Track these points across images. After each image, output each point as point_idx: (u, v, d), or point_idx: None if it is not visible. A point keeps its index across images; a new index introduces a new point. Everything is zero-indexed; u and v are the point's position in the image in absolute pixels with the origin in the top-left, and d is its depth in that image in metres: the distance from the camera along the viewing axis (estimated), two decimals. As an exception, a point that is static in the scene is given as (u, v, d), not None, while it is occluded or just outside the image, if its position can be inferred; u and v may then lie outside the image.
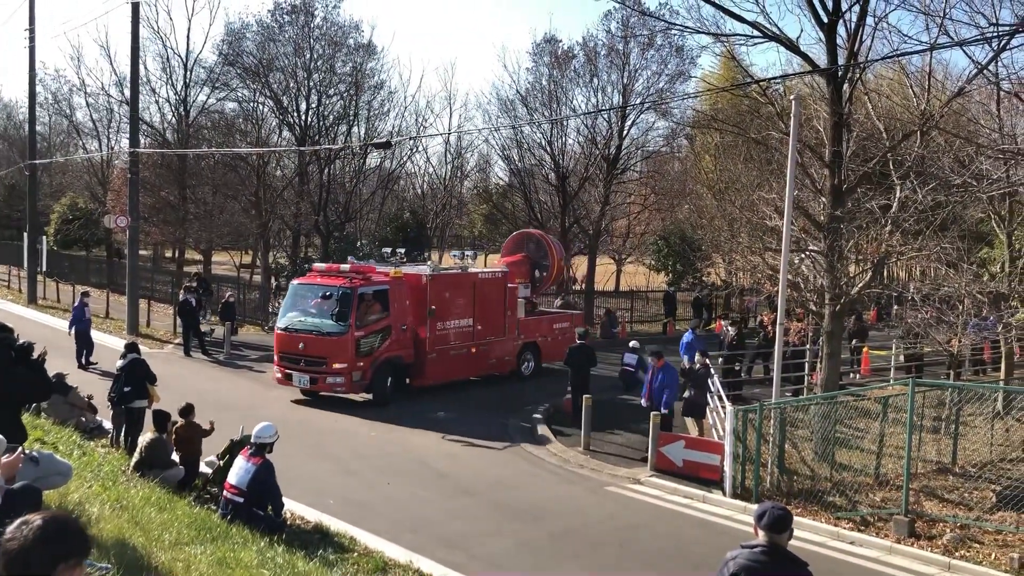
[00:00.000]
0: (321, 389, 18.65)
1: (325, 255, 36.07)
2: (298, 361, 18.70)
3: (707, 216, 28.86)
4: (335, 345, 18.41)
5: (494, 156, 50.59)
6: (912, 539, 11.34)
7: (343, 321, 18.45)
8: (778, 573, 5.48)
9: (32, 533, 2.85)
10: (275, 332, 19.74)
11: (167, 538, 7.27)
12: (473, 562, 10.11)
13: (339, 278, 19.18)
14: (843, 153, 15.61)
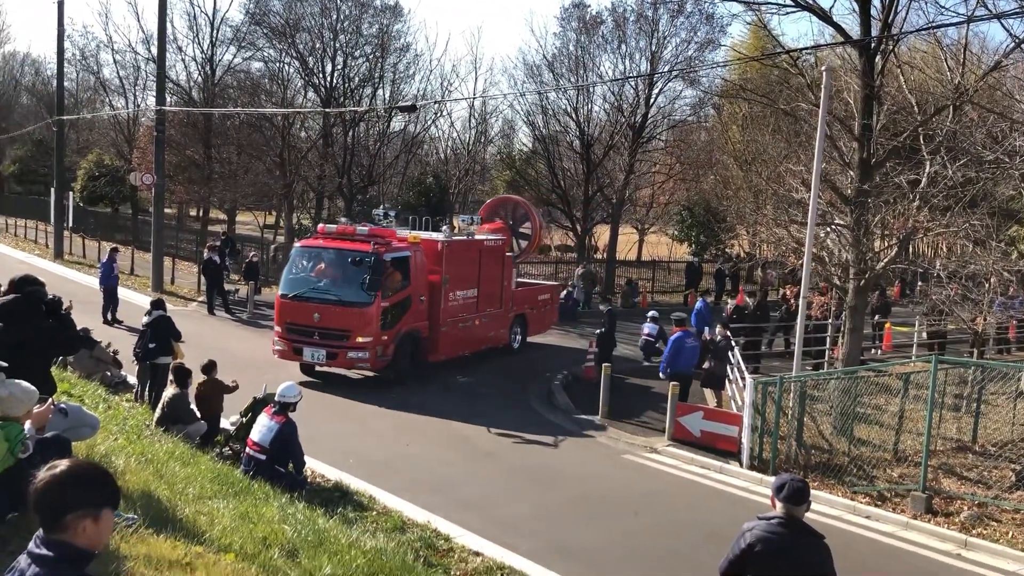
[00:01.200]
0: (341, 365, 17.13)
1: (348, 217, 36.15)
2: (311, 333, 16.77)
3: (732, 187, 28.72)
4: (359, 317, 16.59)
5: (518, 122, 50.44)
6: (929, 515, 11.34)
7: (371, 290, 16.61)
8: (795, 545, 5.51)
9: (60, 477, 2.90)
10: (277, 300, 17.55)
11: (191, 492, 7.40)
12: (490, 524, 10.23)
13: (360, 242, 17.30)
14: (873, 126, 15.41)
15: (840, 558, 5.83)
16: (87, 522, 2.94)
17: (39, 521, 2.93)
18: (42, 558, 2.88)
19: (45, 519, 2.91)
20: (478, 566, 8.81)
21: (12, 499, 4.98)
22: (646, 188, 42.38)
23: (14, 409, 5.09)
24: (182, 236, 39.12)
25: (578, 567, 9.15)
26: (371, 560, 7.10)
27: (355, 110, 35.62)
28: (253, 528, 6.86)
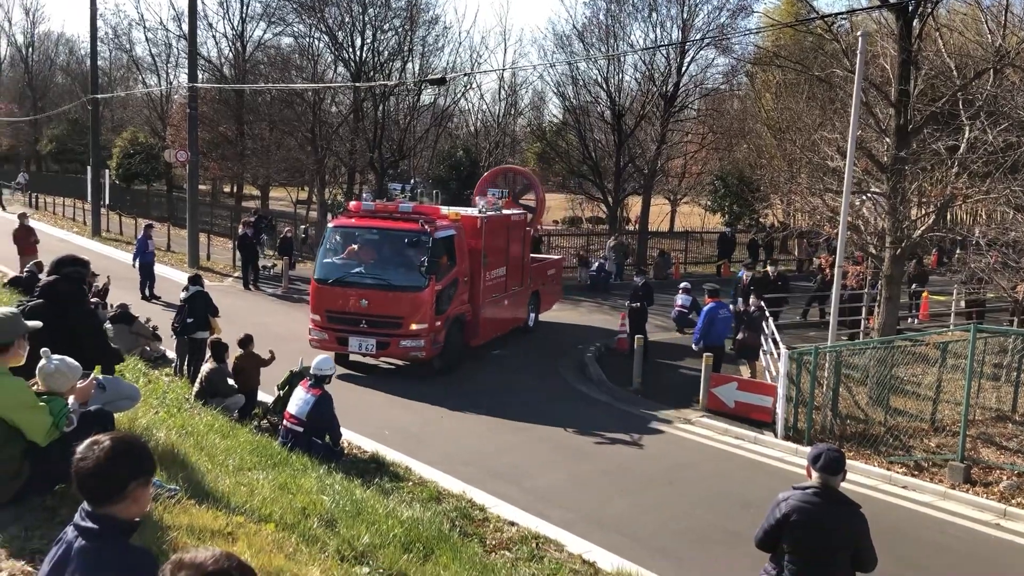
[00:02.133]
0: (392, 355, 15.81)
1: (380, 192, 36.28)
2: (357, 321, 15.40)
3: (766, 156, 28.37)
4: (413, 302, 15.28)
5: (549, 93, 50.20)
6: (967, 485, 11.25)
7: (430, 273, 15.31)
8: (831, 514, 5.51)
9: (103, 452, 2.98)
10: (314, 286, 16.01)
11: (231, 463, 7.52)
12: (525, 494, 10.31)
13: (405, 221, 15.94)
14: (910, 92, 15.14)
15: (876, 528, 5.82)
16: (144, 490, 3.06)
17: (88, 495, 3.01)
18: (88, 531, 2.97)
19: (99, 492, 3.00)
20: (513, 535, 8.90)
21: (59, 471, 5.10)
22: (678, 158, 41.99)
23: (59, 384, 5.20)
24: (217, 212, 39.50)
25: (611, 537, 9.21)
26: (408, 529, 7.20)
27: (385, 84, 35.57)
28: (292, 499, 6.97)
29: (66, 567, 2.96)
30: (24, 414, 4.89)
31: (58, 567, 2.99)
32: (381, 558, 6.27)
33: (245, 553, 5.00)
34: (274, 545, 5.45)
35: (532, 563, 8.18)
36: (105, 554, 2.93)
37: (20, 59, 71.48)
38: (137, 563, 2.86)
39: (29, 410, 4.91)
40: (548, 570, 8.01)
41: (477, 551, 7.89)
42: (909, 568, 8.88)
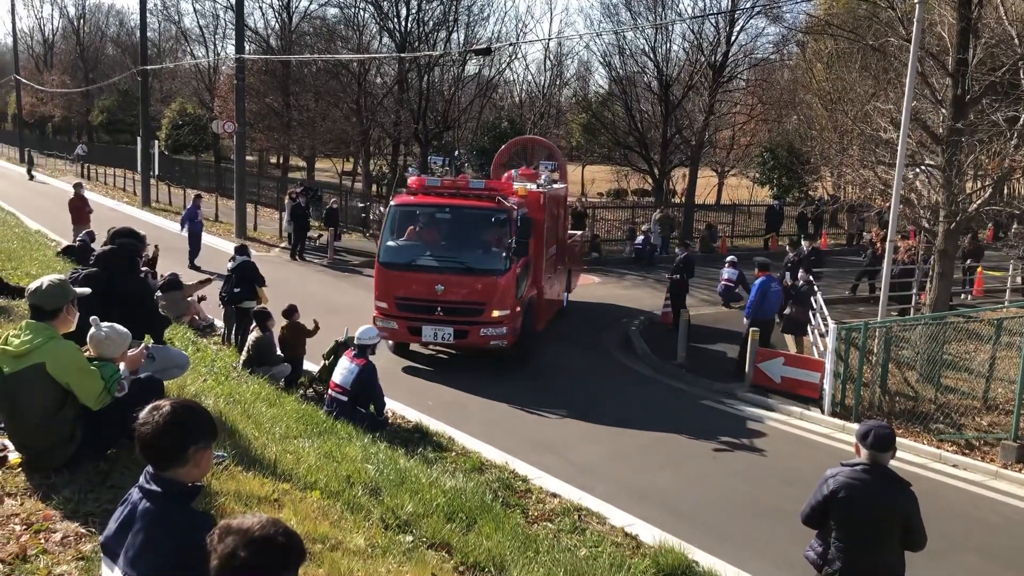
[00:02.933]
0: (472, 345, 14.35)
1: (424, 164, 36.32)
2: (431, 309, 14.09)
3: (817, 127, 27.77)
4: (495, 287, 14.12)
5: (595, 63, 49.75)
6: (1020, 465, 11.01)
7: (519, 255, 14.38)
8: (879, 492, 5.43)
9: (164, 417, 3.03)
10: (380, 271, 14.68)
11: (277, 431, 7.62)
12: (567, 466, 10.32)
13: (478, 198, 14.82)
14: (969, 61, 14.69)
15: (926, 506, 5.72)
16: (205, 454, 3.14)
17: (151, 459, 3.07)
18: (152, 493, 3.04)
19: (162, 456, 3.06)
20: (555, 507, 8.93)
21: (111, 435, 5.20)
22: (726, 130, 41.34)
23: (110, 351, 5.30)
24: (263, 183, 39.89)
25: (653, 510, 9.18)
26: (451, 499, 7.24)
27: (430, 54, 35.47)
28: (337, 467, 7.05)
29: (131, 527, 3.03)
30: (76, 377, 4.99)
31: (123, 527, 3.06)
32: (424, 527, 6.32)
33: (291, 520, 5.07)
34: (319, 512, 5.52)
35: (574, 535, 8.21)
36: (168, 516, 3.01)
37: (72, 31, 72.67)
38: (199, 526, 2.90)
39: (81, 373, 5.01)
40: (590, 542, 8.02)
41: (520, 522, 7.93)
42: (958, 548, 8.73)
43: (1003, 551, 8.87)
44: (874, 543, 5.49)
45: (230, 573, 2.42)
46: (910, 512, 5.50)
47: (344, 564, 4.72)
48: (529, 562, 6.38)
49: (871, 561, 5.50)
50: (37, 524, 4.48)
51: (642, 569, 7.26)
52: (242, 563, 2.41)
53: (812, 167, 29.50)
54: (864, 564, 5.49)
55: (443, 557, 5.92)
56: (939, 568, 8.00)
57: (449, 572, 5.58)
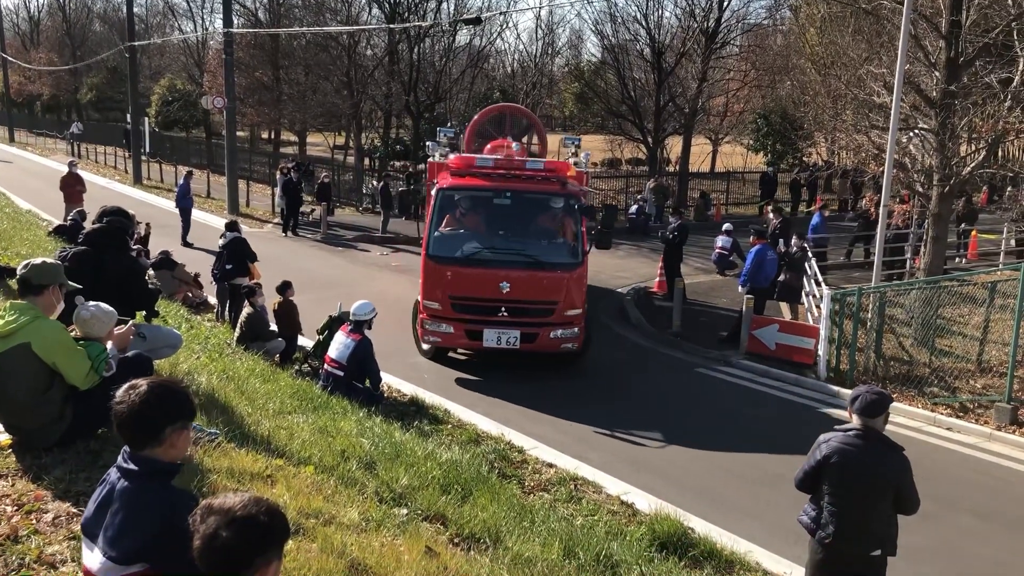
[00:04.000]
0: (541, 348, 12.70)
1: (416, 136, 36.12)
2: (494, 310, 12.42)
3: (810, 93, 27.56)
4: (568, 283, 12.63)
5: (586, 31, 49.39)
6: (1014, 427, 11.06)
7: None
8: (872, 456, 5.44)
9: (139, 397, 3.00)
10: (430, 266, 12.81)
11: (271, 407, 7.62)
12: (563, 436, 10.35)
13: (539, 181, 13.13)
14: (962, 23, 14.56)
15: (921, 469, 5.74)
16: (182, 434, 3.09)
17: (127, 438, 3.05)
18: (130, 473, 3.01)
19: (137, 436, 3.03)
20: (551, 477, 8.96)
21: (101, 415, 5.18)
22: (720, 97, 41.08)
23: (96, 329, 5.26)
24: (255, 159, 39.65)
25: (650, 478, 9.22)
26: (447, 471, 7.25)
27: (419, 25, 35.15)
28: (332, 441, 7.05)
29: (109, 507, 3.00)
30: (62, 356, 4.96)
31: (102, 507, 3.04)
32: (419, 500, 6.33)
33: (284, 495, 5.07)
34: (313, 487, 5.52)
35: (570, 504, 8.24)
36: (147, 495, 2.98)
37: (58, 7, 71.89)
38: (179, 504, 2.89)
39: (67, 352, 4.98)
40: (586, 511, 8.06)
41: (516, 492, 7.95)
42: (952, 510, 8.78)
43: (996, 512, 8.92)
44: (867, 507, 5.52)
45: (213, 553, 2.40)
46: (903, 476, 5.52)
47: (337, 538, 4.72)
48: (525, 532, 6.39)
49: (864, 524, 5.53)
50: (28, 505, 4.47)
51: (638, 536, 7.29)
52: (224, 543, 2.39)
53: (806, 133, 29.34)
54: (857, 527, 5.53)
55: (438, 529, 5.94)
56: (933, 530, 8.06)
57: (444, 543, 5.59)
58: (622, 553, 6.56)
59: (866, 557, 5.58)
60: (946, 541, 8.11)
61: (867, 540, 5.55)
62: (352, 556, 4.57)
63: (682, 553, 7.18)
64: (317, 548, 4.53)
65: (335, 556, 4.48)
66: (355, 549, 4.68)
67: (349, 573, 4.41)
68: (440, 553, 5.20)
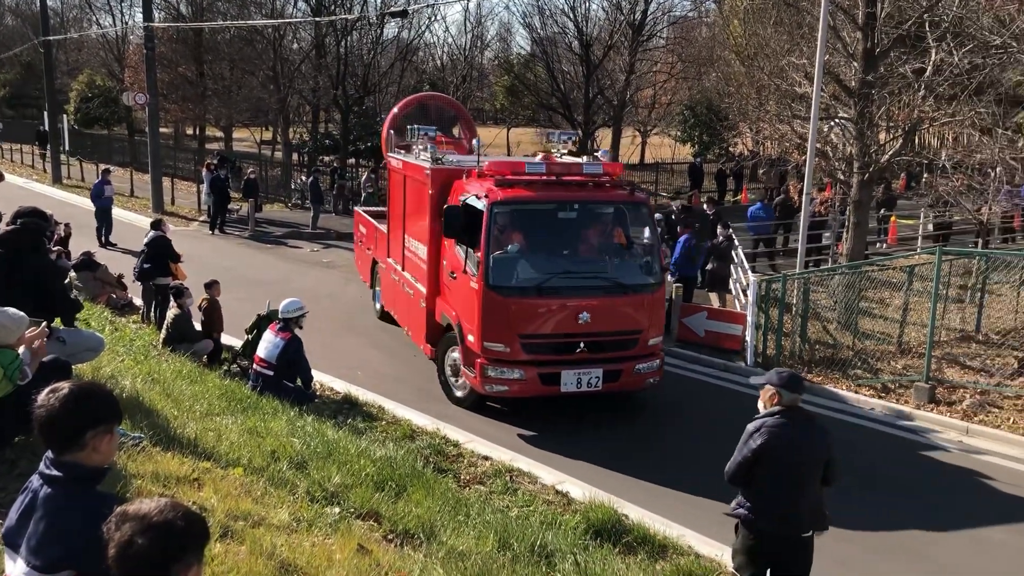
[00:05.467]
0: (626, 387, 10.98)
1: (345, 130, 35.76)
2: (571, 347, 10.38)
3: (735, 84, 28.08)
4: (650, 307, 10.89)
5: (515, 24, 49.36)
6: (932, 405, 11.46)
7: (653, 261, 11.15)
8: (802, 433, 5.58)
9: (60, 400, 2.91)
10: (488, 298, 10.25)
11: (198, 409, 7.49)
12: (499, 430, 10.38)
13: (604, 188, 11.21)
14: (877, 14, 14.98)
15: (846, 450, 5.91)
16: (105, 438, 3.00)
17: (49, 443, 2.96)
18: (52, 478, 2.93)
19: (59, 440, 2.94)
20: (487, 469, 8.99)
21: (16, 423, 5.03)
22: (647, 89, 41.60)
23: (4, 336, 5.09)
24: (180, 155, 38.72)
25: (584, 468, 9.30)
26: (381, 468, 7.22)
27: (346, 18, 34.76)
28: (262, 442, 6.96)
29: (32, 515, 2.92)
30: (-29, 366, 4.80)
31: (25, 515, 2.95)
32: (353, 498, 6.30)
33: (211, 498, 4.99)
34: (242, 489, 5.45)
35: (506, 495, 8.28)
36: (70, 501, 2.90)
37: (-34, 1, 69.00)
38: (104, 509, 2.81)
39: (-25, 361, 4.82)
40: (522, 501, 8.11)
41: (451, 486, 7.96)
42: (874, 486, 9.06)
43: (917, 488, 9.23)
44: (804, 486, 5.63)
45: (128, 561, 2.33)
46: (830, 447, 5.68)
47: (267, 540, 4.67)
48: (460, 525, 6.41)
49: (804, 503, 5.64)
50: (-59, 518, 4.31)
51: (573, 525, 7.36)
52: (139, 550, 2.32)
53: (731, 123, 29.87)
54: (798, 508, 5.61)
55: (371, 526, 5.91)
56: (857, 507, 8.31)
57: (378, 540, 5.57)
58: (557, 542, 6.62)
59: (801, 538, 5.69)
60: (869, 517, 8.37)
61: (804, 520, 5.67)
62: (282, 557, 4.52)
63: (616, 540, 7.28)
64: (246, 550, 4.47)
65: (264, 558, 4.43)
66: (285, 550, 4.63)
67: (279, 574, 4.37)
68: (373, 550, 5.18)
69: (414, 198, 12.73)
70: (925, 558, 7.70)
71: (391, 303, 14.57)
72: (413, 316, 12.87)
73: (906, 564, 7.56)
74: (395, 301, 14.18)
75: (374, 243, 15.71)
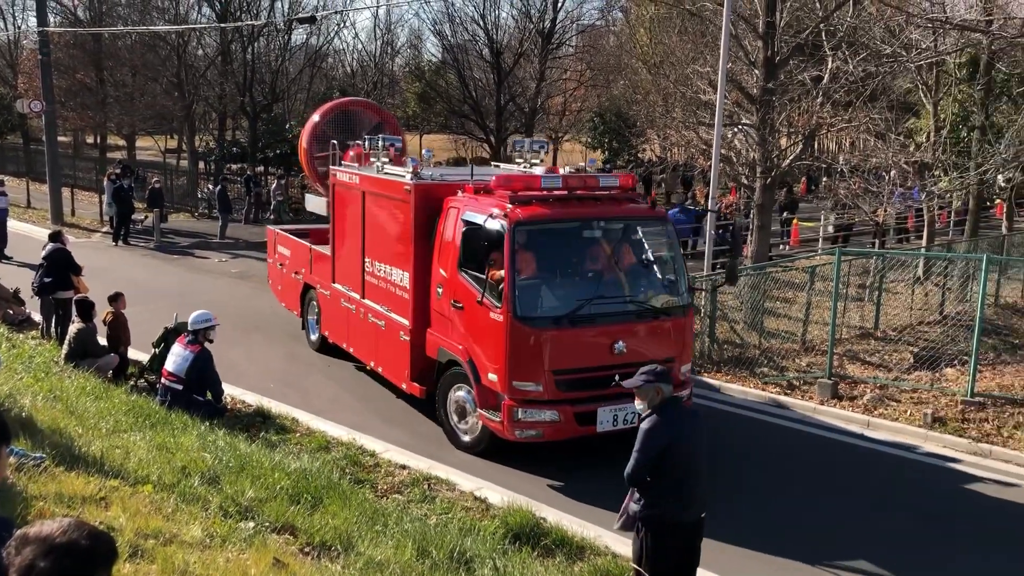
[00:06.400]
0: None
1: (253, 137, 35.13)
2: (606, 381, 9.07)
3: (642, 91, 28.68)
4: (681, 332, 10.01)
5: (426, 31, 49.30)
6: (835, 400, 11.89)
7: (680, 280, 10.22)
8: (689, 423, 5.92)
9: None
10: (516, 330, 9.09)
11: (104, 426, 7.26)
12: (416, 439, 10.32)
13: (624, 202, 10.32)
14: (777, 24, 15.52)
15: (752, 446, 6.10)
16: None
17: None
18: None
19: None
20: (404, 478, 8.94)
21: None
22: (558, 96, 42.05)
23: None
24: (80, 165, 37.34)
25: (503, 473, 9.34)
26: (296, 481, 7.12)
27: (252, 24, 34.15)
28: (172, 458, 6.80)
29: None
30: None
31: None
32: (268, 511, 6.20)
33: (119, 517, 4.86)
34: (151, 507, 5.32)
35: (424, 504, 8.25)
36: None
37: None
38: (3, 532, 2.70)
39: None
40: (440, 509, 8.10)
41: (368, 496, 7.90)
42: (780, 481, 9.35)
43: (821, 481, 9.55)
44: (698, 472, 5.90)
45: None
46: (708, 431, 6.05)
47: (179, 557, 4.57)
48: (378, 536, 6.37)
49: (701, 489, 5.88)
50: None
51: (492, 531, 7.39)
52: (42, 573, 2.23)
53: (639, 130, 30.51)
54: (697, 492, 5.84)
55: (288, 540, 5.83)
56: (763, 502, 8.56)
57: (294, 554, 5.50)
58: (476, 548, 6.64)
59: (700, 519, 5.93)
60: (778, 511, 8.63)
61: (702, 503, 5.91)
62: (195, 574, 4.43)
63: (535, 543, 7.34)
64: (157, 569, 4.37)
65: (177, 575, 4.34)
66: (198, 567, 4.54)
67: (192, 592, 4.28)
68: (289, 564, 5.11)
69: (385, 217, 11.39)
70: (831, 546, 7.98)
71: (340, 334, 12.99)
72: (386, 350, 11.40)
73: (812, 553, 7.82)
74: (350, 333, 12.61)
75: (307, 267, 14.09)
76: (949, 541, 8.14)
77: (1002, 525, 8.55)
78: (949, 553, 7.90)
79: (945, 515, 8.75)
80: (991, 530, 8.41)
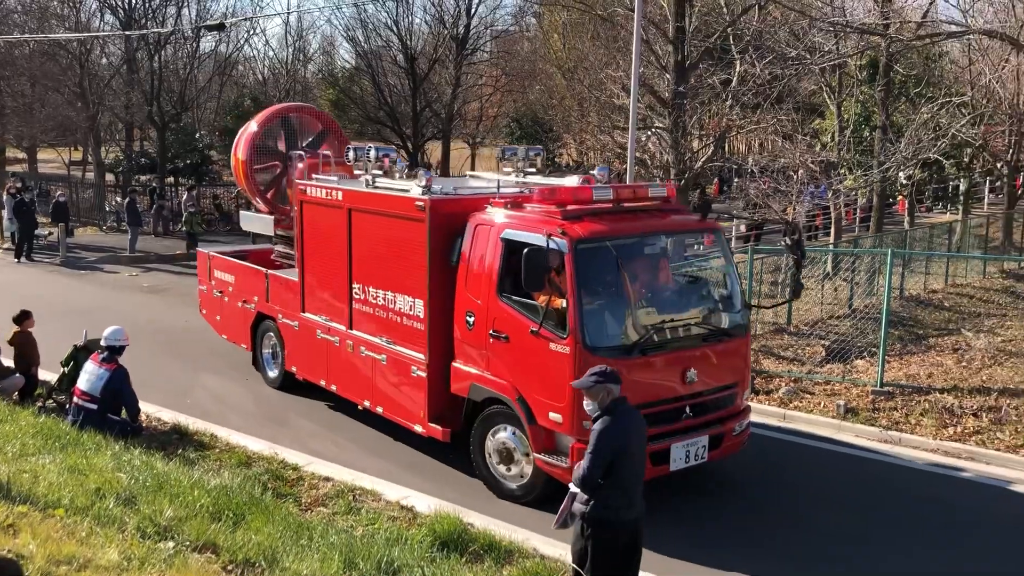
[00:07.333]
0: (727, 452, 9.10)
1: (162, 147, 34.27)
2: (678, 414, 8.55)
3: (557, 96, 29.00)
4: (743, 355, 9.38)
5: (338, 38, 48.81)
6: (752, 395, 12.17)
7: (736, 297, 9.48)
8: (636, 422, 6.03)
9: None
10: (585, 360, 7.77)
11: (10, 450, 6.98)
12: (340, 450, 10.20)
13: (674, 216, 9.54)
14: (686, 29, 15.87)
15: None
16: None
17: None
18: None
19: None
20: (329, 491, 8.81)
21: None
22: (474, 101, 42.16)
23: None
24: (-23, 179, 35.82)
25: (429, 482, 9.28)
26: (216, 498, 6.97)
27: (159, 31, 33.30)
28: (85, 480, 6.57)
29: None
30: None
31: None
32: (188, 530, 6.04)
33: (29, 544, 4.68)
34: (64, 531, 5.13)
35: (349, 516, 8.16)
36: None
37: None
38: None
39: None
40: (366, 520, 8.01)
41: (292, 511, 7.78)
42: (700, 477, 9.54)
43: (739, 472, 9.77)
44: (641, 468, 6.01)
45: None
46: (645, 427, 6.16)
47: (95, 583, 4.42)
48: (303, 550, 6.27)
49: (641, 485, 6.01)
50: None
51: (419, 539, 7.34)
52: None
53: (555, 135, 30.78)
54: (638, 493, 5.95)
55: (209, 559, 5.69)
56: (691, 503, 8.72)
57: (216, 572, 5.38)
58: (404, 558, 6.59)
59: (640, 519, 6.00)
60: (700, 506, 8.81)
61: (641, 502, 5.99)
62: (113, 599, 4.29)
63: (463, 549, 7.32)
64: (72, 596, 4.21)
65: (93, 602, 4.19)
66: (116, 591, 4.40)
67: (110, 617, 4.14)
68: (212, 583, 4.99)
69: (383, 238, 10.13)
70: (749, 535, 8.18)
71: (315, 371, 11.57)
72: (390, 388, 10.22)
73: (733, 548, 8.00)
74: (331, 368, 11.22)
75: (261, 294, 12.62)
76: (864, 529, 8.42)
77: (917, 511, 8.88)
78: (863, 538, 8.17)
79: (861, 504, 9.05)
80: (908, 516, 8.73)
